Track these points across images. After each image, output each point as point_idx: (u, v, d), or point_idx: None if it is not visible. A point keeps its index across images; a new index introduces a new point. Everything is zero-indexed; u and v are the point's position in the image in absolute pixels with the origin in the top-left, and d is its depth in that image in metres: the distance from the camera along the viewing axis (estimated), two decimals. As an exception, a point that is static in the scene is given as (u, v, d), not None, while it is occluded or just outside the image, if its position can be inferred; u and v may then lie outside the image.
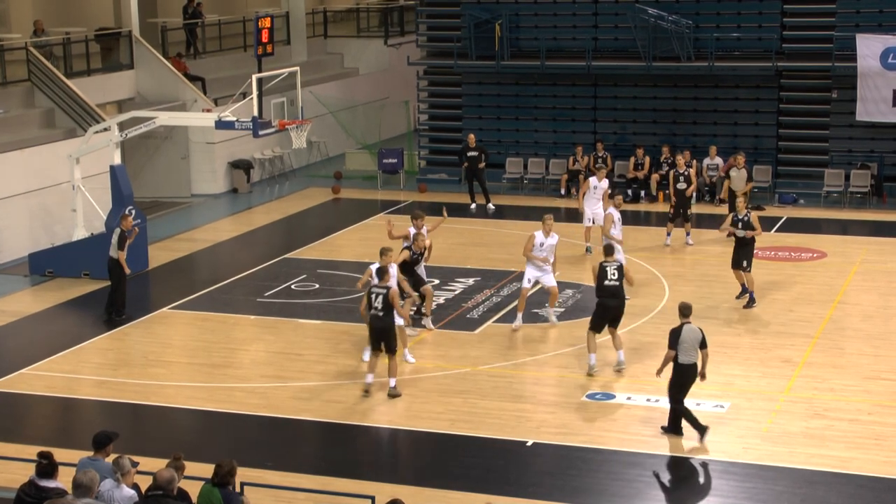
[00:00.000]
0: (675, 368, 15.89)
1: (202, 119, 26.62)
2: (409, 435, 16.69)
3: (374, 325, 17.79)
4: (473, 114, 34.15)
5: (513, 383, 18.53)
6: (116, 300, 21.85)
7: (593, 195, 25.08)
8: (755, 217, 22.09)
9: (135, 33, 32.58)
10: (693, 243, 26.12)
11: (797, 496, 14.50)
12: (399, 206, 30.77)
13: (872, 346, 19.76)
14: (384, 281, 17.86)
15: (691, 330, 15.83)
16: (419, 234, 20.64)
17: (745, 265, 21.85)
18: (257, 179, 34.35)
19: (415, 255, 20.56)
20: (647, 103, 32.66)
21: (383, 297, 17.63)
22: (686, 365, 15.80)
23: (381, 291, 17.69)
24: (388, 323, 17.72)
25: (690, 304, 16.18)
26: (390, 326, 17.78)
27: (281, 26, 38.48)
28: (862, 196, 30.02)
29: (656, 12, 31.37)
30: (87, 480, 10.93)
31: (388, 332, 17.77)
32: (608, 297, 18.55)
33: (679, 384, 15.94)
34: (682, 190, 26.01)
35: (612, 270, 18.51)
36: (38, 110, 29.24)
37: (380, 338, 17.81)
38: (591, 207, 25.09)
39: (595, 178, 25.22)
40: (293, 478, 15.07)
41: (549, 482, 14.99)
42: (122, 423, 17.07)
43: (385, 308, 17.61)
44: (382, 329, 17.75)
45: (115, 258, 21.75)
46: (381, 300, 17.61)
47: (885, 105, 29.69)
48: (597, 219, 24.76)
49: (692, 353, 15.79)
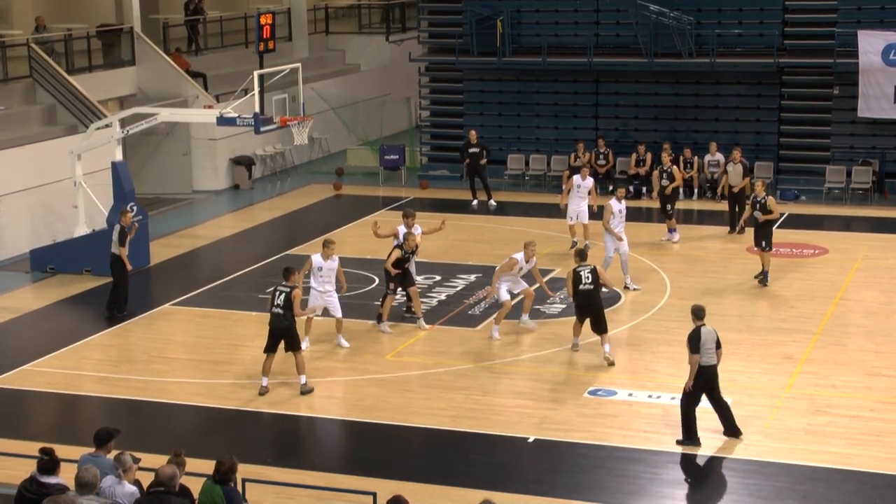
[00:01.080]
0: (697, 372, 15.74)
1: (204, 115, 26.63)
2: (410, 431, 16.68)
3: (273, 325, 17.72)
4: (475, 110, 34.14)
5: (515, 380, 18.54)
6: (118, 297, 21.86)
7: (577, 193, 25.07)
8: (772, 200, 22.82)
9: (136, 30, 32.60)
10: (676, 240, 26.06)
11: (798, 492, 14.50)
12: (400, 202, 30.76)
13: (874, 343, 19.76)
14: (290, 281, 17.74)
15: (709, 332, 15.75)
16: (410, 232, 20.62)
17: (764, 245, 22.65)
18: (259, 176, 34.35)
19: (406, 253, 20.54)
20: (648, 100, 32.65)
21: (286, 295, 17.54)
22: (707, 367, 15.72)
23: (284, 290, 17.62)
24: (288, 324, 17.60)
25: (704, 307, 16.06)
26: (290, 327, 17.66)
27: (282, 23, 38.49)
28: (863, 192, 30.01)
29: (658, 8, 31.33)
30: (89, 478, 10.93)
31: (287, 332, 17.68)
32: (584, 300, 18.74)
33: (701, 387, 15.79)
34: (664, 187, 26.21)
35: (587, 274, 18.65)
36: (40, 107, 29.24)
37: (279, 337, 17.75)
38: (576, 205, 25.08)
39: (579, 177, 25.17)
40: (295, 474, 15.08)
41: (551, 479, 14.99)
42: (124, 419, 17.11)
43: (286, 307, 17.51)
44: (282, 329, 17.68)
45: (116, 254, 21.75)
46: (283, 299, 17.53)
47: (886, 101, 29.69)
48: (581, 216, 24.95)
49: (712, 354, 15.72)
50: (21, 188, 26.30)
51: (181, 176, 32.79)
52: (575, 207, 25.13)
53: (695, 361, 15.59)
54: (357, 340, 20.21)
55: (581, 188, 25.04)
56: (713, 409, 15.91)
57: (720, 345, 15.85)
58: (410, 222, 20.93)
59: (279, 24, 37.03)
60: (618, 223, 22.54)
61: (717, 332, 15.86)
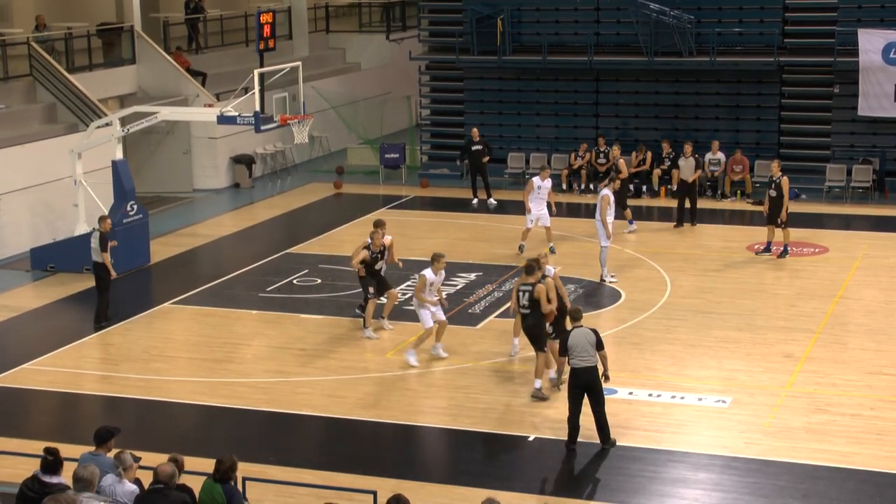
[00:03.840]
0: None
1: (204, 114, 26.64)
2: (411, 430, 16.68)
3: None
4: (475, 109, 34.13)
5: (515, 378, 18.53)
6: (99, 306, 21.24)
7: (538, 195, 24.71)
8: (786, 181, 24.19)
9: (136, 28, 32.60)
10: (632, 230, 26.39)
11: (799, 491, 14.49)
12: (401, 200, 30.78)
13: (874, 342, 19.76)
14: (533, 277, 17.72)
15: (583, 333, 15.64)
16: (376, 231, 20.55)
17: (780, 222, 24.09)
18: (259, 174, 34.35)
19: (373, 254, 20.44)
20: (648, 98, 32.65)
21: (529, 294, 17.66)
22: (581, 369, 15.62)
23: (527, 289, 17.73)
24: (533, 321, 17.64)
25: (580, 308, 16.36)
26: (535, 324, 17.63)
27: (283, 21, 38.49)
28: (864, 191, 30.01)
29: (658, 7, 31.33)
30: (87, 475, 10.93)
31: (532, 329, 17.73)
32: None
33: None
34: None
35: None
36: (40, 105, 29.24)
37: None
38: (537, 208, 24.74)
39: (538, 178, 24.78)
40: (295, 473, 15.08)
41: (552, 477, 14.99)
42: (124, 418, 17.12)
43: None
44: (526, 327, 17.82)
45: (100, 262, 21.15)
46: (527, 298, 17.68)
47: (886, 100, 29.70)
48: (542, 219, 24.70)
49: (586, 357, 15.54)
50: (21, 187, 26.30)
51: (181, 174, 32.78)
52: (537, 210, 24.74)
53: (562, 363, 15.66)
54: (357, 339, 20.21)
55: (541, 190, 24.69)
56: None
57: (602, 346, 15.61)
58: (381, 231, 20.83)
59: (279, 22, 37.02)
60: (611, 214, 22.56)
61: (595, 334, 15.60)
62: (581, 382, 15.50)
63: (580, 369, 15.48)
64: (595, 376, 15.53)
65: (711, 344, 19.53)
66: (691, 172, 27.08)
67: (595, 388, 15.54)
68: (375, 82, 40.08)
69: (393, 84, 39.83)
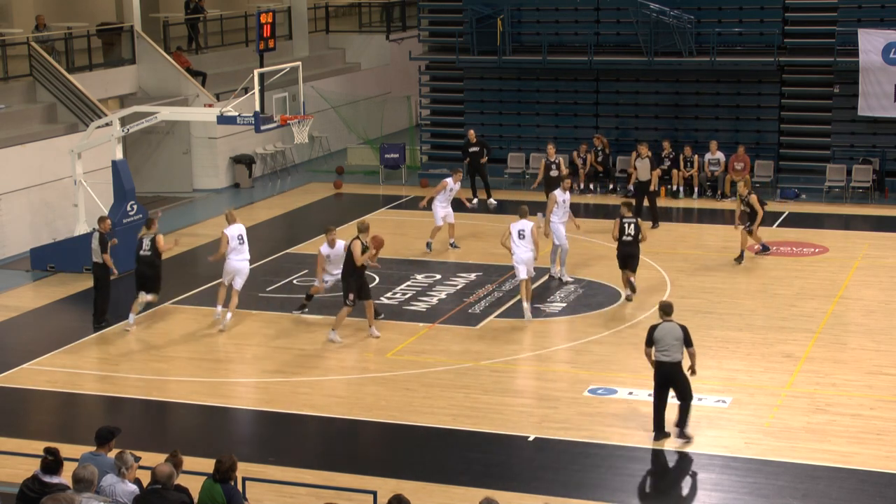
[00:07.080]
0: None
1: (204, 114, 26.63)
2: (411, 430, 16.68)
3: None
4: (475, 109, 34.14)
5: (515, 378, 18.54)
6: (99, 306, 21.27)
7: (448, 196, 25.49)
8: (755, 198, 23.81)
9: (136, 28, 32.60)
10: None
11: (799, 491, 14.49)
12: (401, 200, 30.78)
13: (874, 341, 19.76)
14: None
15: (671, 328, 15.77)
16: (365, 235, 20.56)
17: (748, 225, 23.93)
18: (259, 174, 34.36)
19: (364, 246, 20.21)
20: (648, 98, 32.66)
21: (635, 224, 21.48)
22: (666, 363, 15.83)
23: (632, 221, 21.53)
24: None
25: (671, 303, 16.24)
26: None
27: (283, 21, 38.50)
28: (864, 191, 30.01)
29: (658, 7, 31.33)
30: (87, 475, 10.93)
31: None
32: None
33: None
34: (553, 178, 26.93)
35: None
36: (40, 105, 29.24)
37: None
38: (444, 208, 25.43)
39: (451, 180, 25.49)
40: (295, 473, 15.08)
41: (552, 477, 14.99)
42: (124, 418, 17.12)
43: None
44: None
45: (100, 263, 21.15)
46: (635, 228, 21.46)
47: (886, 100, 29.70)
48: (448, 217, 25.42)
49: (669, 351, 15.72)
50: (21, 187, 26.31)
51: (181, 174, 32.79)
52: (444, 210, 25.41)
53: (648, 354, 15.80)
54: (357, 339, 20.22)
55: (452, 192, 25.51)
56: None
57: (690, 343, 15.75)
58: (366, 236, 20.78)
59: (279, 22, 37.04)
60: (562, 214, 22.87)
61: (684, 331, 15.71)
62: (663, 375, 15.70)
63: (663, 363, 15.67)
64: (677, 371, 15.73)
65: (711, 344, 19.53)
66: (647, 173, 27.27)
67: (678, 381, 15.74)
68: (375, 82, 40.09)
69: (393, 84, 39.83)
